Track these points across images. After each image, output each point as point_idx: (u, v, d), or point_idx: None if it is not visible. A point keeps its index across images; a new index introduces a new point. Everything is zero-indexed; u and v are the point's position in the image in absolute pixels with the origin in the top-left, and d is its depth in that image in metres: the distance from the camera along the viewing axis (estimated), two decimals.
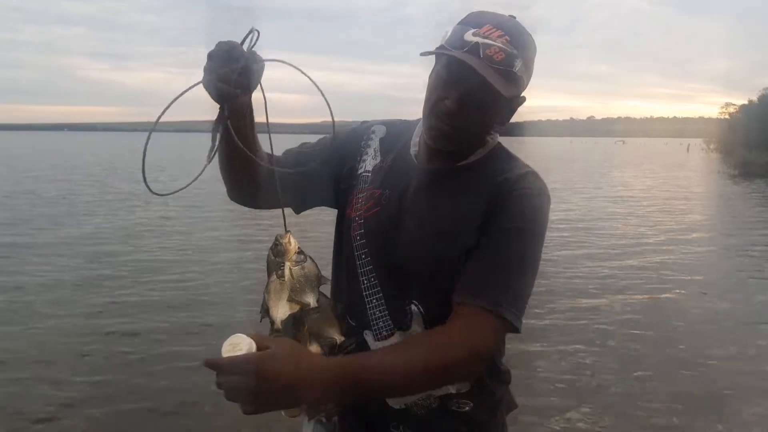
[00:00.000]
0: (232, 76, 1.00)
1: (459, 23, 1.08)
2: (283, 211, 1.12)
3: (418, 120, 1.22)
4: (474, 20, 1.06)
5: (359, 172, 1.25)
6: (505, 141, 1.23)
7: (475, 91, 1.04)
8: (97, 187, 16.78)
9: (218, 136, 1.06)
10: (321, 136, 1.30)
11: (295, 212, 1.28)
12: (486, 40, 1.03)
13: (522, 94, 1.11)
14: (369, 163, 1.25)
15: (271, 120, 1.10)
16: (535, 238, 1.09)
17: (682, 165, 34.34)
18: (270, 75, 1.06)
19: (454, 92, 1.06)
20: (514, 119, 1.16)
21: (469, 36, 1.04)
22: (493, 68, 1.02)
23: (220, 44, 1.01)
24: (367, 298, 1.18)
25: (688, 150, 58.05)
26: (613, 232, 10.35)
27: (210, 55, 1.02)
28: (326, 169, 1.24)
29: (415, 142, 1.22)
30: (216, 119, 1.06)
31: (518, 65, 1.04)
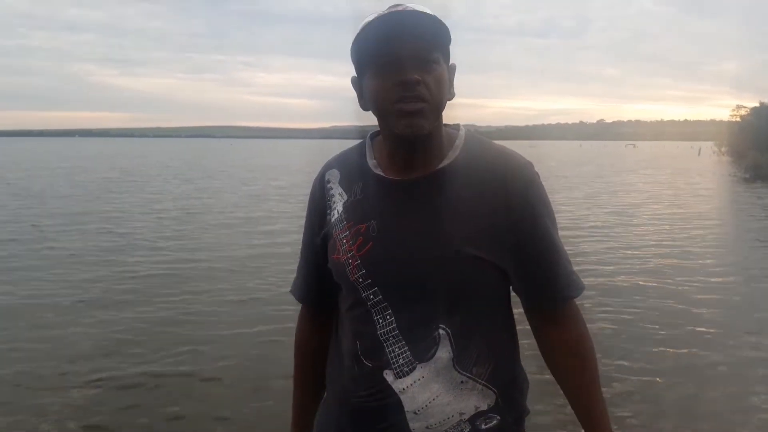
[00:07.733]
0: None
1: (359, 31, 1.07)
2: None
3: (361, 141, 1.22)
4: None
5: (333, 219, 1.17)
6: (514, 145, 1.22)
7: (416, 47, 1.03)
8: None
9: None
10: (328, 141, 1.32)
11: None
12: (396, 9, 1.03)
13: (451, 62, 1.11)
14: (339, 205, 1.17)
15: (281, 125, 1.09)
16: (553, 214, 1.16)
17: (694, 169, 33.97)
18: (277, 81, 0.96)
19: (402, 63, 1.02)
20: (523, 123, 1.18)
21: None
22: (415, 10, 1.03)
23: None
24: (383, 337, 1.10)
25: (699, 153, 57.44)
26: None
27: None
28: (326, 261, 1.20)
29: (374, 164, 1.15)
30: None
31: (432, 13, 1.03)
